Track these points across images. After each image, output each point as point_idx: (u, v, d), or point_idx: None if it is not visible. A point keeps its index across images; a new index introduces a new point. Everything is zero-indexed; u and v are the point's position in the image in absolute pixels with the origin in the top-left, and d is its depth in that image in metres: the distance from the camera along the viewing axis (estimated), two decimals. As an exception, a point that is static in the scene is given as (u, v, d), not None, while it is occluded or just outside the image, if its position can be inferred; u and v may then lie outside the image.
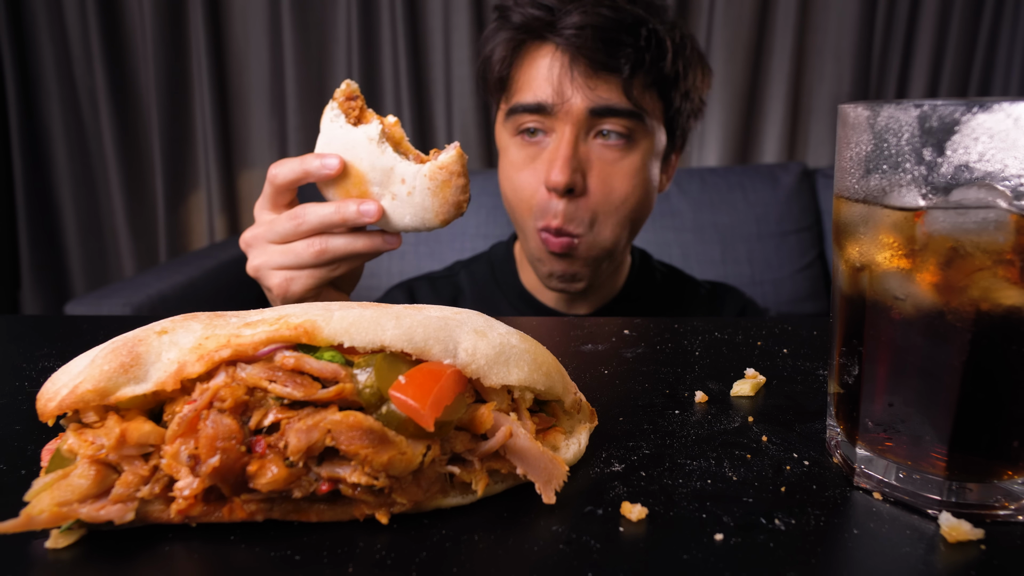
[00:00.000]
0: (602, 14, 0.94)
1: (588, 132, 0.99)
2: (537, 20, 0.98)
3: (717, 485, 0.41)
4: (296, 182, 0.67)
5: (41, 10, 2.36)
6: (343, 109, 0.63)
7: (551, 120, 0.99)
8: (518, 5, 1.00)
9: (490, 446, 0.38)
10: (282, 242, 0.69)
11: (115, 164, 2.46)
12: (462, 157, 0.61)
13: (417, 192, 0.62)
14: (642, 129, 1.00)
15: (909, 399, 0.38)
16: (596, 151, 1.00)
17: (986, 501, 0.38)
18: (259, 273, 0.72)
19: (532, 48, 1.00)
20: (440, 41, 2.39)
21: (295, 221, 0.67)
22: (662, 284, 1.25)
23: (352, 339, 0.36)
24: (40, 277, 2.51)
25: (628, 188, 1.01)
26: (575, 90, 0.96)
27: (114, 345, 0.36)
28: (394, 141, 0.64)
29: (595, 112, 0.97)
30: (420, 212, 0.63)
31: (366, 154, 0.62)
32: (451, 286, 1.27)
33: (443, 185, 0.61)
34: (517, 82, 1.02)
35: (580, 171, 0.98)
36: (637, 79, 0.97)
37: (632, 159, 1.01)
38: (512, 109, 1.02)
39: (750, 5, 2.37)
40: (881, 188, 0.37)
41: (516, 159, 1.04)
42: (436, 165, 0.61)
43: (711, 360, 0.63)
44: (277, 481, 0.34)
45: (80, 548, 0.34)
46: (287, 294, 0.71)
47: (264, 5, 2.39)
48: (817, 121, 2.49)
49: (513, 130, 1.04)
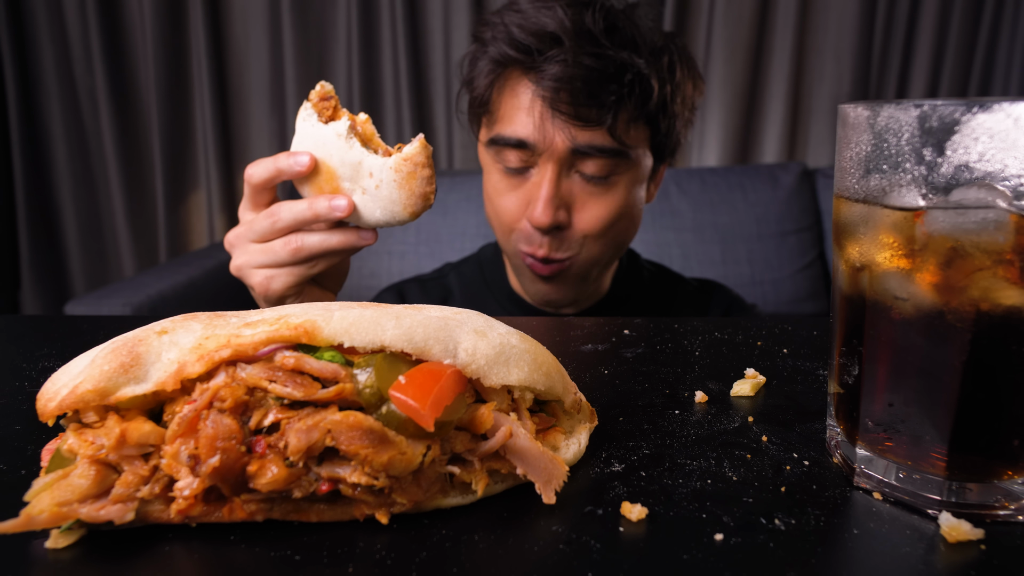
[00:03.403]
0: (584, 64, 0.89)
1: (571, 168, 0.97)
2: (513, 60, 0.94)
3: (717, 485, 0.41)
4: (270, 181, 0.68)
5: (41, 10, 2.36)
6: (316, 109, 0.64)
7: (533, 156, 0.97)
8: (495, 39, 0.96)
9: (490, 446, 0.38)
10: (261, 240, 0.70)
11: (115, 164, 2.46)
12: (426, 148, 0.62)
13: (384, 185, 0.63)
14: (626, 163, 0.98)
15: (909, 399, 0.38)
16: (579, 185, 0.98)
17: (986, 501, 0.38)
18: (241, 272, 0.73)
19: (513, 77, 0.97)
20: (440, 41, 2.39)
21: (271, 219, 0.68)
22: (650, 283, 1.25)
23: (352, 339, 0.36)
24: (40, 277, 2.51)
25: (613, 217, 1.00)
26: (556, 131, 0.93)
27: (114, 345, 0.36)
28: (365, 138, 0.64)
29: (577, 151, 0.94)
30: (389, 205, 0.64)
31: (336, 150, 0.63)
32: (441, 288, 1.27)
33: (408, 177, 0.62)
34: (499, 110, 0.99)
35: (564, 207, 0.97)
36: (621, 117, 0.94)
37: (617, 191, 0.99)
38: (493, 140, 0.99)
39: (750, 5, 2.37)
40: (881, 188, 0.37)
41: (500, 187, 1.02)
42: (401, 157, 0.62)
43: (711, 360, 0.63)
44: (277, 481, 0.34)
45: (80, 548, 0.34)
46: (268, 292, 0.72)
47: (264, 5, 2.39)
48: (817, 121, 2.49)
49: (495, 159, 1.01)
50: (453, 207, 2.13)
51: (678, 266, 2.07)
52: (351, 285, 2.11)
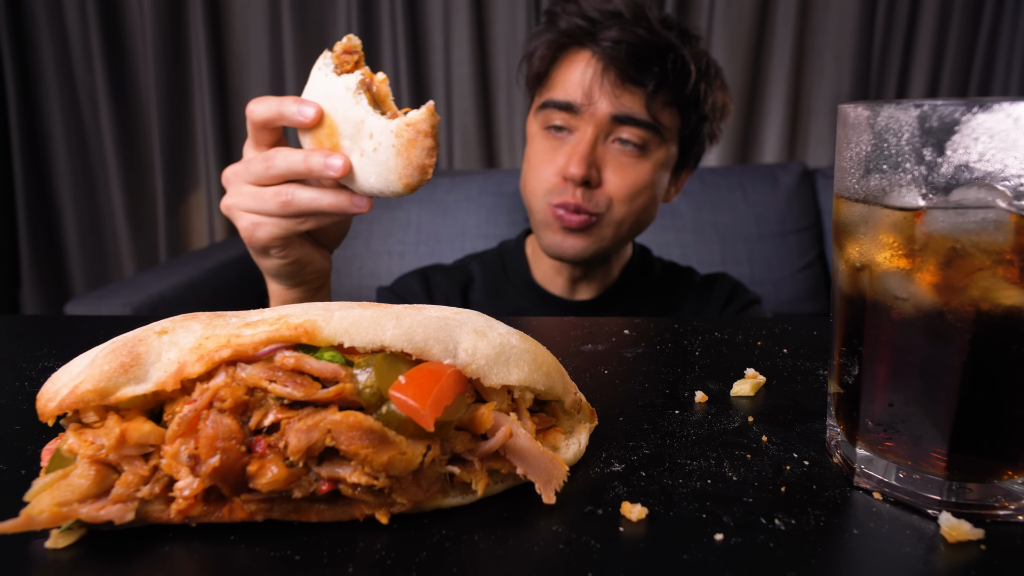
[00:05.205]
0: (638, 33, 1.04)
1: (608, 136, 1.08)
2: (580, 29, 1.09)
3: (717, 485, 0.41)
4: (271, 121, 0.66)
5: (41, 10, 2.36)
6: (337, 61, 0.61)
7: (576, 119, 1.08)
8: (566, 12, 1.11)
9: (490, 446, 0.38)
10: (255, 183, 0.68)
11: (115, 164, 2.46)
12: (433, 116, 0.58)
13: (382, 149, 0.59)
14: (656, 141, 1.10)
15: (909, 399, 0.38)
16: (612, 153, 1.09)
17: (986, 501, 0.38)
18: (230, 212, 0.71)
19: (571, 52, 1.10)
20: (440, 41, 2.39)
21: (266, 163, 0.66)
22: (661, 273, 1.33)
23: (352, 339, 0.36)
24: (40, 277, 2.51)
25: (639, 187, 1.10)
26: (602, 95, 1.06)
27: (114, 345, 0.36)
28: (378, 99, 0.61)
29: (617, 119, 1.06)
30: (384, 172, 0.60)
31: (342, 104, 0.60)
32: (463, 274, 1.33)
33: (409, 144, 0.57)
34: (552, 80, 1.12)
35: (596, 167, 1.07)
36: (659, 95, 1.07)
37: (644, 165, 1.10)
38: (544, 104, 1.12)
39: (750, 5, 2.37)
40: (881, 188, 0.37)
41: (540, 149, 1.13)
42: (404, 122, 0.57)
43: (711, 360, 0.63)
44: (277, 481, 0.34)
45: (80, 548, 0.34)
46: (252, 239, 0.70)
47: (264, 5, 2.39)
48: (817, 121, 2.49)
49: (542, 123, 1.13)
50: (453, 207, 2.13)
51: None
52: (351, 285, 2.11)
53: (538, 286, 1.26)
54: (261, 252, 0.73)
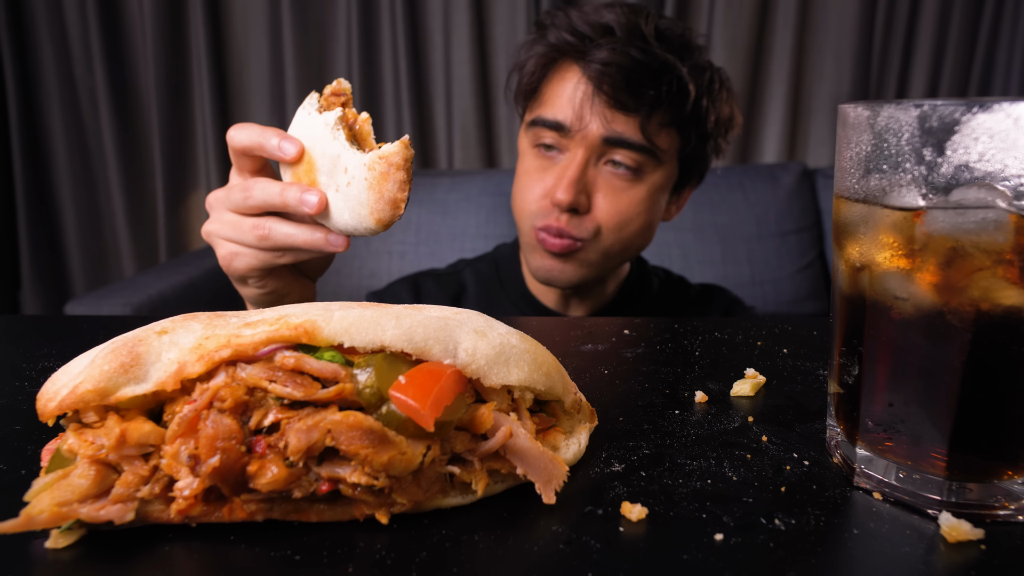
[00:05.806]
0: (630, 55, 0.97)
1: (600, 158, 1.02)
2: (569, 45, 1.02)
3: (717, 485, 0.41)
4: (250, 150, 0.65)
5: (41, 10, 2.36)
6: (323, 102, 0.61)
7: (567, 140, 1.02)
8: (556, 26, 1.05)
9: (490, 446, 0.38)
10: (234, 211, 0.67)
11: (115, 164, 2.46)
12: (407, 149, 0.56)
13: (355, 183, 0.57)
14: (652, 164, 1.03)
15: (909, 399, 0.38)
16: (604, 176, 1.03)
17: (986, 501, 0.38)
18: (210, 239, 0.71)
19: (563, 66, 1.04)
20: (440, 41, 2.39)
21: (244, 194, 0.65)
22: (658, 288, 1.29)
23: (352, 339, 0.36)
24: (40, 277, 2.51)
25: (631, 214, 1.04)
26: (593, 117, 0.99)
27: (114, 345, 0.36)
28: (359, 137, 0.60)
29: (609, 141, 1.00)
30: (356, 207, 0.58)
31: (320, 140, 0.59)
32: (455, 283, 1.29)
33: (381, 177, 0.56)
34: (543, 96, 1.06)
35: (585, 192, 1.02)
36: (655, 117, 1.00)
37: (638, 189, 1.04)
38: (534, 121, 1.06)
39: (750, 5, 2.37)
40: (881, 188, 0.37)
41: (530, 167, 1.08)
42: (377, 155, 0.56)
43: (711, 360, 0.63)
44: (277, 481, 0.34)
45: (80, 548, 0.34)
46: (230, 268, 0.70)
47: (264, 5, 2.39)
48: (817, 121, 2.49)
49: (532, 140, 1.07)
50: (453, 207, 2.13)
51: (678, 266, 2.07)
52: (351, 285, 2.11)
53: (533, 297, 1.21)
54: (239, 281, 0.72)
